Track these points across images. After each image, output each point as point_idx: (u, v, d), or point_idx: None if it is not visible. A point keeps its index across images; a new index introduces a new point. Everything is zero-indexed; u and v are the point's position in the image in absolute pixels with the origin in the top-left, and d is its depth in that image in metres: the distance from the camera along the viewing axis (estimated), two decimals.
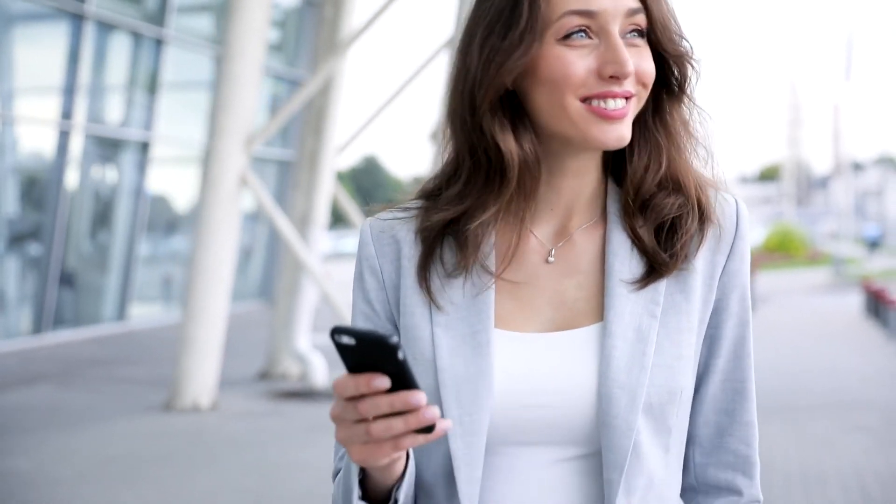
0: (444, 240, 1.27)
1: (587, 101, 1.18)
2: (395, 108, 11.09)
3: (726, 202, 1.28)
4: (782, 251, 36.72)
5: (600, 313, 1.24)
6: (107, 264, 15.10)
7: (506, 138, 1.22)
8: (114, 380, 10.55)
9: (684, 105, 1.27)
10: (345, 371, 1.03)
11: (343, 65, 10.84)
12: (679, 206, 1.25)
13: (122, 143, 15.02)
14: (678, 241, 1.24)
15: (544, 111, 1.21)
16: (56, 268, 13.49)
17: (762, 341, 12.61)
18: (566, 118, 1.19)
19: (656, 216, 1.25)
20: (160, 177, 16.07)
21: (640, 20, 1.20)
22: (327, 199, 10.97)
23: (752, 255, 1.31)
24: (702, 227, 1.25)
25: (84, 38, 13.29)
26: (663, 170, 1.25)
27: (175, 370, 8.86)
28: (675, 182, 1.26)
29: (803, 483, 6.22)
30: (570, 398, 1.20)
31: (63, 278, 13.79)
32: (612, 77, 1.17)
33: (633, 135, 1.24)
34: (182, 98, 16.43)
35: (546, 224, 1.28)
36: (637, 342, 1.21)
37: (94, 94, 14.22)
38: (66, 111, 13.43)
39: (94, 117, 14.23)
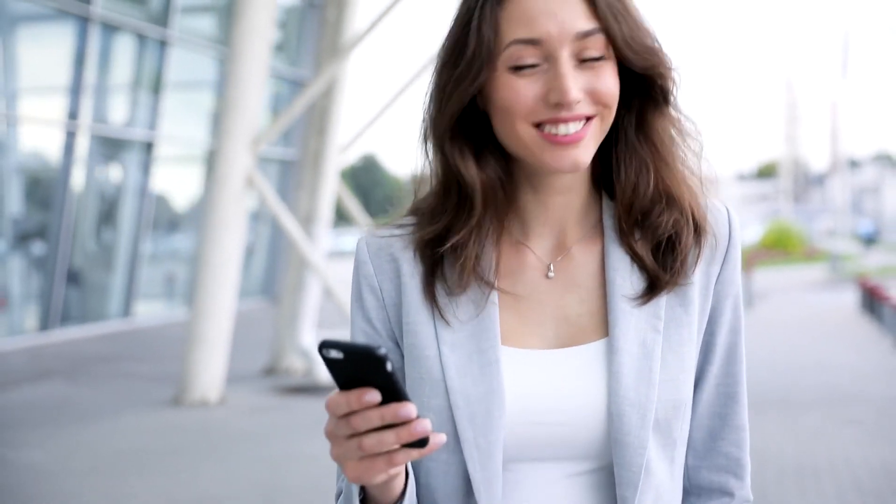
0: (443, 257, 1.25)
1: (540, 126, 1.18)
2: (395, 107, 11.15)
3: (718, 211, 1.28)
4: (779, 248, 36.51)
5: (604, 329, 1.24)
6: (112, 262, 15.19)
7: (466, 164, 1.23)
8: (121, 375, 10.64)
9: (669, 116, 1.25)
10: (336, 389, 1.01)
11: (346, 67, 10.88)
12: (674, 222, 1.24)
13: (126, 142, 15.10)
14: (678, 258, 1.24)
15: (503, 137, 1.21)
16: (63, 266, 13.58)
17: (759, 337, 12.74)
18: (521, 144, 1.19)
19: (653, 234, 1.25)
20: (164, 176, 16.14)
21: (594, 42, 1.17)
22: (331, 197, 11.03)
23: (749, 252, 1.34)
24: (698, 239, 1.25)
25: (89, 39, 13.37)
26: (653, 185, 1.25)
27: (183, 366, 8.94)
28: (668, 195, 1.25)
29: (797, 475, 6.26)
30: (580, 415, 1.19)
31: (70, 276, 13.87)
32: (558, 104, 1.16)
33: (618, 152, 1.25)
34: (185, 98, 16.47)
35: (541, 239, 1.28)
36: (643, 358, 1.21)
37: (99, 94, 14.28)
38: (72, 111, 13.51)
39: (99, 117, 14.30)
